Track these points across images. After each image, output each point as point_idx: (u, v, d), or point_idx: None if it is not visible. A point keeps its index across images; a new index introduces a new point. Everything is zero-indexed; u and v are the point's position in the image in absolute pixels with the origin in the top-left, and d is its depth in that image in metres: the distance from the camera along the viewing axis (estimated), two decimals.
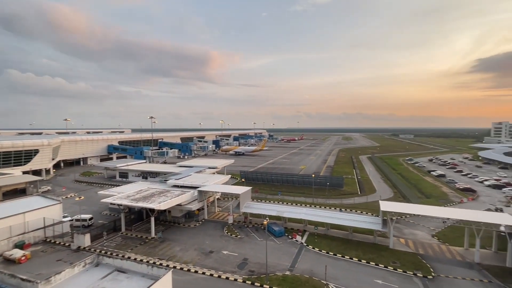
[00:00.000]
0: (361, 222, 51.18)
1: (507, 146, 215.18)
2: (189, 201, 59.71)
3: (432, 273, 39.15)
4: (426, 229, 55.99)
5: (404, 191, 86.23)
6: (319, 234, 52.15)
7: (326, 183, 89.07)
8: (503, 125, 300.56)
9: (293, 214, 55.81)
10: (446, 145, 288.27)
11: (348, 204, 73.64)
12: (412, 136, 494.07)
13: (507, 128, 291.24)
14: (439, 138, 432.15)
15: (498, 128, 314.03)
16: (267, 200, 75.65)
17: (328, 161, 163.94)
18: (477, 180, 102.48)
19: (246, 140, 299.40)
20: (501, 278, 37.93)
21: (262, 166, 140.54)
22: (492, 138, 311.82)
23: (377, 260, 42.78)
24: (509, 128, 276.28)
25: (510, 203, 72.94)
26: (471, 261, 42.60)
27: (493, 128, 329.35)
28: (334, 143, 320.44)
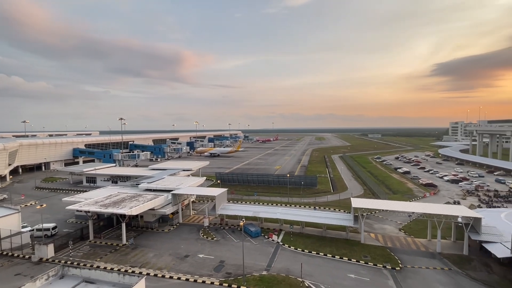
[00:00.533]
0: (334, 219, 52.97)
1: (463, 144, 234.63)
2: (162, 205, 57.95)
3: (399, 264, 41.50)
4: (394, 223, 59.24)
5: (373, 188, 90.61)
6: (294, 233, 53.12)
7: (300, 182, 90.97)
8: (459, 124, 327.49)
9: (269, 214, 56.35)
10: (410, 143, 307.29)
11: (322, 202, 75.81)
12: (379, 135, 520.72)
13: (462, 127, 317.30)
14: (404, 137, 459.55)
15: (455, 127, 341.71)
16: (243, 201, 75.60)
17: (303, 160, 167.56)
18: (437, 175, 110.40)
19: (221, 141, 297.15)
20: (459, 265, 41.20)
21: (238, 167, 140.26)
22: (450, 136, 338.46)
23: (350, 255, 44.50)
24: (464, 127, 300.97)
25: (466, 196, 79.49)
26: (433, 251, 45.77)
27: (450, 128, 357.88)
28: (307, 143, 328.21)
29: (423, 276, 38.75)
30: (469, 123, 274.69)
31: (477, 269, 40.05)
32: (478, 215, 44.39)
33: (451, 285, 36.27)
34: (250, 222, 56.67)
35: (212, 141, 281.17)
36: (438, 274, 39.10)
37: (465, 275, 38.65)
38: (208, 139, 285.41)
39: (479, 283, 36.71)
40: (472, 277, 38.18)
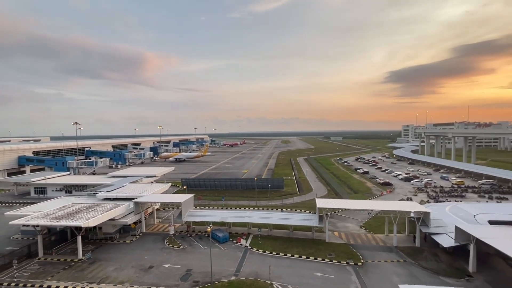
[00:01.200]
0: (300, 220, 54.49)
1: (413, 145, 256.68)
2: (123, 214, 54.61)
3: (361, 260, 43.89)
4: (355, 221, 62.61)
5: (336, 188, 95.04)
6: (263, 236, 53.50)
7: (268, 185, 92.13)
8: (410, 127, 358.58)
9: (237, 219, 56.12)
10: (368, 145, 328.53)
11: (289, 204, 77.52)
12: (341, 138, 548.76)
13: (412, 130, 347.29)
14: (362, 139, 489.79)
15: (406, 130, 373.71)
16: (211, 207, 74.39)
17: (269, 164, 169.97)
18: (392, 175, 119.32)
19: (187, 145, 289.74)
20: (412, 256, 44.81)
21: (205, 172, 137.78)
22: (402, 138, 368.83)
23: (316, 254, 46.00)
24: (414, 130, 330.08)
25: (417, 193, 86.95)
26: (390, 245, 49.20)
27: (402, 130, 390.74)
28: (274, 147, 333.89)
29: (382, 269, 41.43)
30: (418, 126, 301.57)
31: (428, 259, 43.90)
32: (427, 210, 48.86)
33: (406, 276, 39.24)
34: (218, 228, 55.88)
35: (177, 145, 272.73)
36: (395, 267, 42.10)
37: (417, 265, 42.12)
38: (173, 143, 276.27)
39: (429, 272, 40.24)
40: (423, 266, 41.74)
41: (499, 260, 42.21)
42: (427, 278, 38.35)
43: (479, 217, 52.11)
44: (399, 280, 37.70)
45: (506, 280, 37.42)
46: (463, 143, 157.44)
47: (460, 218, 50.62)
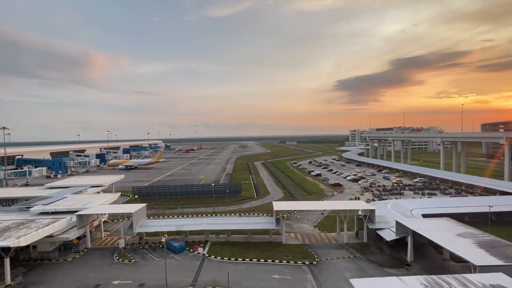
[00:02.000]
0: (258, 223, 55.04)
1: (360, 148, 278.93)
2: (64, 229, 49.04)
3: (316, 259, 45.93)
4: (310, 221, 65.45)
5: (291, 190, 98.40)
6: (221, 242, 52.70)
7: (225, 190, 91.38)
8: (356, 132, 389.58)
9: (194, 226, 54.46)
10: (320, 149, 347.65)
11: (247, 208, 77.82)
12: (295, 142, 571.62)
13: (358, 135, 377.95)
14: (315, 143, 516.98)
15: (353, 134, 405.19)
16: (166, 216, 71.00)
17: (227, 169, 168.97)
18: (342, 176, 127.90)
19: (139, 152, 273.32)
20: (361, 252, 48.38)
21: (159, 180, 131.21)
22: (350, 142, 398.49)
23: (273, 256, 46.84)
24: (360, 135, 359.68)
25: (363, 192, 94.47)
26: (341, 243, 52.47)
27: (350, 135, 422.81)
28: (232, 151, 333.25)
29: (335, 266, 43.90)
30: (363, 131, 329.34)
31: (374, 253, 47.83)
32: (372, 207, 53.37)
33: (355, 270, 42.15)
34: (174, 237, 53.48)
35: (127, 152, 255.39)
36: (346, 262, 44.96)
37: (365, 260, 45.60)
38: (122, 150, 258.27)
39: (375, 265, 43.86)
40: (370, 260, 45.35)
41: (431, 248, 47.90)
42: (373, 271, 41.70)
43: (414, 212, 58.67)
44: (350, 275, 40.30)
45: (437, 266, 42.54)
46: (401, 146, 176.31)
47: (399, 213, 56.33)
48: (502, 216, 60.39)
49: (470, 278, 26.83)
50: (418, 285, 25.75)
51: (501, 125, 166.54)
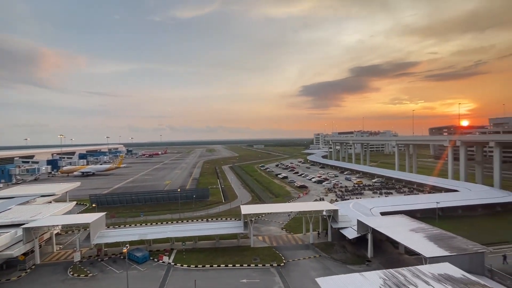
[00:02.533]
0: (225, 228, 54.50)
1: (324, 151, 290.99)
2: (7, 245, 43.87)
3: (283, 260, 46.68)
4: (277, 223, 66.44)
5: (259, 193, 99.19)
6: (187, 250, 51.15)
7: (192, 195, 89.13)
8: (320, 136, 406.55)
9: (158, 234, 52.12)
10: (286, 152, 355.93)
11: (214, 213, 76.66)
12: (263, 146, 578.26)
13: (322, 138, 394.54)
14: (282, 147, 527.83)
15: (317, 138, 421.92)
16: (128, 224, 67.12)
17: (194, 173, 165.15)
18: (307, 178, 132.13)
19: (97, 157, 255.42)
20: (325, 251, 50.26)
21: (120, 186, 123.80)
22: (314, 145, 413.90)
23: (242, 261, 46.64)
24: (324, 138, 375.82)
25: (327, 193, 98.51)
26: (308, 243, 54.02)
27: (314, 138, 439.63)
28: (199, 156, 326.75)
29: (301, 266, 45.01)
30: (326, 134, 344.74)
31: (337, 251, 49.99)
32: (335, 208, 55.87)
33: (321, 269, 43.64)
34: (136, 247, 50.69)
35: (84, 157, 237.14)
36: (312, 262, 46.35)
37: (330, 258, 47.46)
38: (78, 155, 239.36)
39: (339, 262, 45.86)
40: (334, 258, 47.31)
41: (389, 244, 51.42)
42: (337, 269, 43.55)
43: (373, 210, 62.61)
44: (316, 274, 41.59)
45: (394, 260, 45.73)
46: (361, 149, 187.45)
47: (360, 212, 59.71)
48: (446, 211, 67.05)
49: (422, 269, 29.30)
50: (378, 279, 27.46)
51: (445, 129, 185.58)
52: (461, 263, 31.75)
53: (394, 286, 26.03)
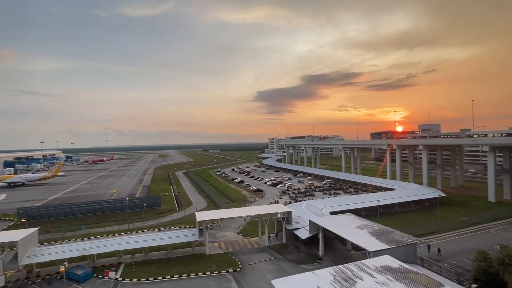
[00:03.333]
0: (179, 237, 52.31)
1: (278, 155, 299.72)
2: None
3: (239, 265, 46.54)
4: (233, 228, 66.10)
5: (215, 199, 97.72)
6: (137, 262, 47.74)
7: (142, 204, 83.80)
8: (275, 140, 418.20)
9: (103, 248, 47.70)
10: (243, 156, 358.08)
11: (167, 222, 73.13)
12: (219, 150, 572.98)
13: (277, 142, 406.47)
14: (238, 151, 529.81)
15: (272, 142, 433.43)
16: (66, 240, 60.13)
17: (144, 180, 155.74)
18: (263, 182, 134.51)
19: (29, 165, 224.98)
20: (280, 252, 51.53)
21: (57, 197, 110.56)
22: (269, 149, 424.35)
23: (197, 269, 45.20)
24: (278, 142, 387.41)
25: (282, 195, 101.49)
26: (263, 246, 54.77)
27: (269, 142, 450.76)
28: (150, 161, 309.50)
29: (257, 270, 45.38)
30: (280, 139, 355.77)
31: (291, 252, 51.64)
32: (289, 209, 57.81)
33: (276, 271, 44.57)
34: (77, 264, 45.65)
35: (11, 165, 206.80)
36: (267, 265, 47.08)
37: (284, 259, 48.78)
38: (3, 163, 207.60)
39: (293, 263, 47.41)
40: (288, 259, 48.77)
41: (338, 241, 54.91)
42: (292, 269, 44.94)
43: (324, 210, 66.33)
44: (271, 276, 42.28)
45: (342, 256, 48.94)
46: (312, 152, 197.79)
47: (312, 213, 62.70)
48: (386, 208, 74.34)
49: (366, 263, 31.93)
50: (328, 275, 29.11)
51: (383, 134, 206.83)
52: (398, 254, 35.46)
53: (343, 281, 27.87)
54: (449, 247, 50.62)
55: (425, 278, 28.26)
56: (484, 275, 35.05)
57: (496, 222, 64.64)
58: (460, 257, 46.27)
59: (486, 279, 34.77)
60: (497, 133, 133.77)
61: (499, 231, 59.13)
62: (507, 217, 67.28)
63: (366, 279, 28.15)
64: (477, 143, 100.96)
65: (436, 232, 58.69)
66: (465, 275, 38.96)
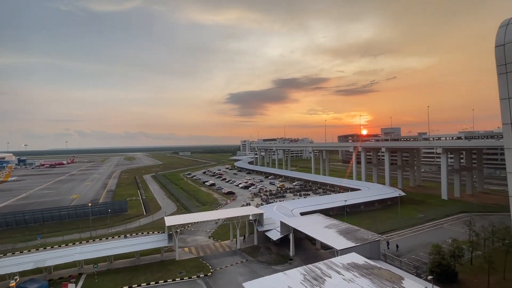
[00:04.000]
0: (147, 243, 50.20)
1: (250, 157, 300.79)
2: None
3: (210, 270, 45.80)
4: (204, 232, 64.96)
5: (185, 203, 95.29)
6: (100, 272, 44.92)
7: (107, 210, 79.23)
8: (247, 142, 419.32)
9: (62, 259, 44.21)
10: (214, 159, 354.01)
11: (134, 227, 69.86)
12: (189, 153, 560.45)
13: (249, 145, 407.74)
14: (209, 153, 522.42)
15: (244, 144, 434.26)
16: (18, 251, 54.80)
17: (109, 184, 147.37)
18: (234, 184, 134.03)
19: None
20: (252, 254, 51.64)
21: (7, 205, 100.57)
22: (241, 152, 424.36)
23: (166, 276, 43.68)
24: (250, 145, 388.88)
25: (253, 198, 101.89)
26: (235, 249, 54.48)
27: (241, 145, 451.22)
28: (115, 165, 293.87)
29: (229, 273, 45.00)
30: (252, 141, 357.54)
31: (263, 254, 51.99)
32: (261, 211, 58.24)
33: (248, 274, 44.52)
34: (31, 277, 41.78)
35: None
36: (239, 268, 46.89)
37: (256, 261, 48.95)
38: None
39: (265, 264, 47.73)
40: (260, 261, 49.02)
41: (308, 241, 56.37)
42: (263, 271, 45.20)
43: (294, 211, 67.75)
44: (243, 279, 42.22)
45: (312, 256, 50.30)
46: (283, 155, 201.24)
47: (283, 214, 63.71)
48: (352, 207, 77.93)
49: (334, 261, 33.18)
50: (299, 275, 29.78)
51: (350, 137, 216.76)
52: (363, 251, 37.34)
53: (312, 280, 28.67)
54: (408, 243, 54.38)
55: (387, 273, 30.05)
56: (438, 267, 38.20)
57: (448, 218, 70.79)
58: (418, 252, 49.89)
59: (440, 271, 37.91)
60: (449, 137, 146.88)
61: (450, 226, 64.81)
62: (457, 213, 73.99)
63: (334, 276, 29.23)
64: (432, 145, 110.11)
65: (398, 229, 62.73)
66: (422, 268, 42.10)
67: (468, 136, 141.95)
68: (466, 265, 42.30)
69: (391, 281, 27.88)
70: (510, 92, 24.18)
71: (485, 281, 38.14)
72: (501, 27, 24.60)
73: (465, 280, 39.48)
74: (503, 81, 24.80)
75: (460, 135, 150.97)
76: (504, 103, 25.00)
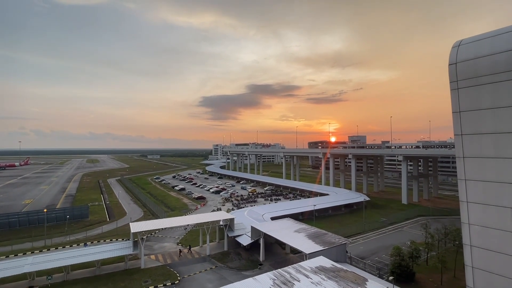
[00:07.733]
0: (109, 251, 47.26)
1: (222, 161, 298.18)
2: None
3: (178, 277, 44.26)
4: (172, 239, 62.78)
5: (153, 208, 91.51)
6: (55, 284, 41.34)
7: (65, 216, 73.46)
8: (219, 146, 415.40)
9: (10, 271, 40.01)
10: (185, 163, 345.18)
11: (96, 234, 65.52)
12: (158, 156, 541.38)
13: (221, 149, 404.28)
14: (180, 157, 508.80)
15: (216, 148, 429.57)
16: None
17: (69, 188, 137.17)
18: (205, 189, 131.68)
19: None
20: (221, 261, 50.83)
21: None
22: (213, 156, 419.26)
23: (129, 286, 41.41)
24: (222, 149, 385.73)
25: (224, 202, 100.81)
26: (204, 255, 53.28)
27: (213, 149, 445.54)
28: (76, 167, 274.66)
29: (197, 280, 43.81)
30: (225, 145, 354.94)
31: (233, 259, 51.43)
32: (231, 216, 57.74)
33: (217, 280, 43.73)
34: None
35: None
36: (208, 274, 45.87)
37: (226, 267, 48.24)
38: None
39: (234, 270, 47.20)
40: (230, 267, 48.41)
41: (277, 246, 56.85)
42: (233, 277, 44.69)
43: (265, 216, 68.11)
44: (212, 286, 41.43)
45: (282, 260, 50.77)
46: (255, 159, 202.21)
47: (254, 219, 63.78)
48: (321, 211, 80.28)
49: (303, 265, 33.79)
50: (268, 280, 29.85)
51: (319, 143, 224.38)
52: (331, 255, 38.53)
53: (282, 284, 28.91)
54: (372, 245, 57.15)
55: (352, 275, 31.26)
56: (398, 268, 40.60)
57: (408, 221, 75.73)
58: (380, 254, 52.61)
59: (400, 271, 40.30)
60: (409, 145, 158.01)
61: (410, 228, 69.33)
62: (415, 217, 79.42)
63: (303, 280, 29.75)
64: (394, 153, 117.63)
65: (363, 232, 65.70)
66: (384, 269, 44.45)
67: (425, 145, 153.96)
68: (423, 265, 45.47)
69: (356, 283, 29.03)
70: (461, 106, 26.76)
71: (439, 280, 41.27)
72: (453, 48, 27.25)
73: (421, 279, 42.35)
74: (454, 96, 27.40)
75: (418, 144, 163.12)
76: (455, 116, 27.56)
